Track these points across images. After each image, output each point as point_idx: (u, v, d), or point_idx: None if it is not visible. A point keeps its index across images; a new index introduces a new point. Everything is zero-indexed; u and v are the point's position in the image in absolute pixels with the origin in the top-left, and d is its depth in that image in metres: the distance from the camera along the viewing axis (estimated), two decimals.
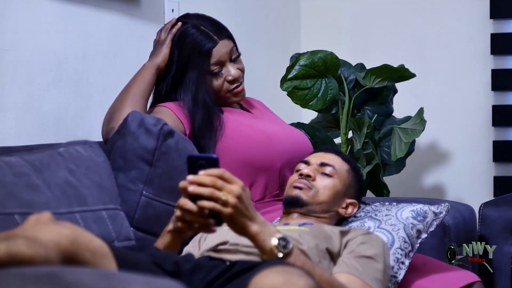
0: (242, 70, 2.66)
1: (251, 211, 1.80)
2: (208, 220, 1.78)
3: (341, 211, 2.30)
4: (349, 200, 2.31)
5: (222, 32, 2.62)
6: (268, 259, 1.83)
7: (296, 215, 2.28)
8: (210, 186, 1.75)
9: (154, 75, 2.58)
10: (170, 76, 2.61)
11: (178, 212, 1.82)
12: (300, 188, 2.28)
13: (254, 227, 1.81)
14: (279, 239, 1.83)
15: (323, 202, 2.27)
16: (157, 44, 2.64)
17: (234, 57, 2.63)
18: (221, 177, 1.76)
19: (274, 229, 1.85)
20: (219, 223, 1.79)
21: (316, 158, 2.35)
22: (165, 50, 2.61)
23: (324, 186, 2.28)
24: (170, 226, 1.94)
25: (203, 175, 1.76)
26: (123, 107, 2.49)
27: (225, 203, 1.76)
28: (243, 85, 2.66)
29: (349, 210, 2.31)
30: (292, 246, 1.84)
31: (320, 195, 2.27)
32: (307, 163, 2.34)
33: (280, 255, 1.82)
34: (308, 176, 2.29)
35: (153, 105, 2.63)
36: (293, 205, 2.27)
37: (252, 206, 1.80)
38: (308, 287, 1.57)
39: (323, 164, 2.32)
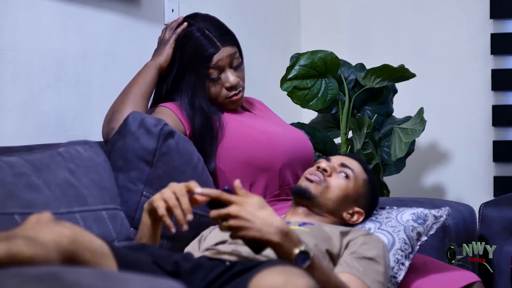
0: (241, 79, 2.62)
1: (260, 222, 1.77)
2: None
3: (346, 216, 2.28)
4: (357, 209, 2.30)
5: (227, 38, 2.60)
6: (270, 259, 1.83)
7: (302, 210, 2.27)
8: (216, 218, 1.79)
9: (155, 75, 2.57)
10: (171, 77, 2.60)
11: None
12: (311, 181, 2.28)
13: (272, 237, 1.78)
14: (300, 252, 1.80)
15: (330, 199, 2.26)
16: (161, 43, 2.62)
17: (235, 64, 2.61)
18: (218, 199, 1.79)
19: (295, 240, 1.81)
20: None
21: (338, 158, 2.35)
22: (168, 50, 2.59)
23: (336, 185, 2.28)
24: (146, 216, 1.98)
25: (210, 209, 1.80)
26: (124, 107, 2.49)
27: (230, 228, 1.78)
28: (241, 94, 2.63)
29: (354, 218, 2.30)
30: (311, 259, 1.81)
31: (330, 192, 2.27)
32: (328, 160, 2.35)
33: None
34: (324, 170, 2.29)
35: (153, 105, 2.62)
36: (300, 196, 2.27)
37: (264, 215, 1.78)
38: (308, 287, 1.57)
39: (343, 165, 2.31)
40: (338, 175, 2.29)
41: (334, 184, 2.27)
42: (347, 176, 2.29)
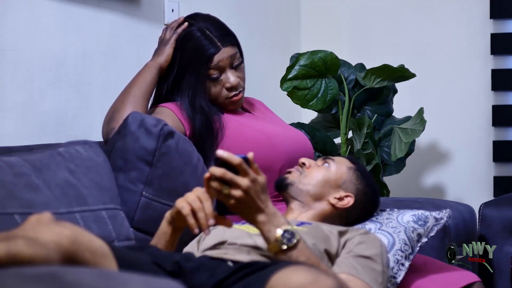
0: (242, 79, 2.63)
1: (259, 203, 1.83)
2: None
3: (334, 201, 2.29)
4: (344, 193, 2.30)
5: (227, 38, 2.60)
6: (279, 257, 1.84)
7: (294, 204, 2.28)
8: (219, 178, 1.80)
9: (156, 75, 2.57)
10: (171, 77, 2.60)
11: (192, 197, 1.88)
12: (289, 172, 2.33)
13: (260, 217, 1.84)
14: (285, 231, 1.85)
15: (310, 184, 2.28)
16: (161, 43, 2.62)
17: (235, 63, 2.61)
18: (238, 167, 1.79)
19: (283, 221, 1.87)
20: (221, 213, 1.86)
21: (324, 158, 2.37)
22: (168, 50, 2.59)
23: (315, 172, 2.31)
24: (166, 224, 1.97)
25: (216, 167, 1.80)
26: (124, 108, 2.49)
27: (228, 196, 1.80)
28: (242, 94, 2.63)
29: (344, 201, 2.30)
30: (297, 240, 1.85)
31: (308, 178, 2.29)
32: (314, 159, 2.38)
33: (284, 247, 1.84)
34: (303, 164, 2.32)
35: (154, 105, 2.62)
36: (279, 186, 2.31)
37: (264, 198, 1.85)
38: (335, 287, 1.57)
39: (324, 159, 2.35)
40: (319, 167, 2.32)
41: (313, 171, 2.31)
42: (328, 165, 2.32)
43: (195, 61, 2.56)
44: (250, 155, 1.83)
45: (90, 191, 2.16)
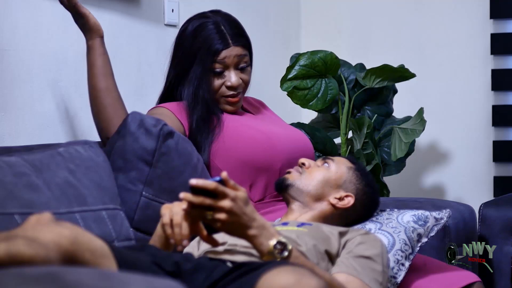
0: (245, 82, 2.63)
1: (246, 218, 1.81)
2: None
3: (334, 201, 2.29)
4: (344, 193, 2.30)
5: (240, 39, 2.60)
6: (272, 260, 1.83)
7: (295, 205, 2.28)
8: (198, 205, 1.78)
9: (104, 48, 2.53)
10: (179, 63, 2.59)
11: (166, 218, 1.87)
12: (289, 172, 2.32)
13: (251, 232, 1.83)
14: (277, 242, 1.84)
15: (310, 184, 2.28)
16: (77, 18, 2.50)
17: (241, 65, 2.61)
18: (215, 191, 1.78)
19: (273, 232, 1.85)
20: (211, 232, 1.85)
21: (324, 158, 2.37)
22: (92, 20, 2.51)
23: (315, 172, 2.30)
24: (160, 228, 1.97)
25: (192, 195, 1.78)
26: (102, 111, 2.49)
27: (213, 220, 1.79)
28: (239, 97, 2.63)
29: (345, 201, 2.29)
30: (290, 250, 1.84)
31: (308, 178, 2.29)
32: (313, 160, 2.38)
33: (277, 259, 1.83)
34: (303, 164, 2.32)
35: (164, 92, 2.62)
36: (279, 187, 2.30)
37: (249, 211, 1.82)
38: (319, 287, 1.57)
39: (324, 159, 2.34)
40: (319, 167, 2.32)
41: (312, 172, 2.31)
42: (327, 165, 2.31)
43: (203, 52, 2.56)
44: (224, 174, 1.80)
45: (90, 191, 2.16)
